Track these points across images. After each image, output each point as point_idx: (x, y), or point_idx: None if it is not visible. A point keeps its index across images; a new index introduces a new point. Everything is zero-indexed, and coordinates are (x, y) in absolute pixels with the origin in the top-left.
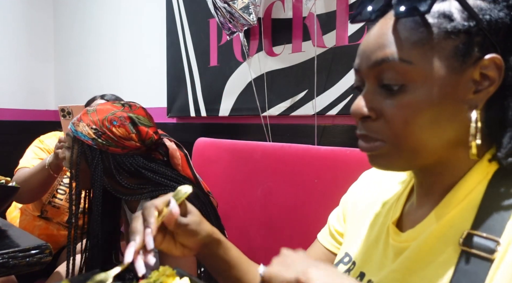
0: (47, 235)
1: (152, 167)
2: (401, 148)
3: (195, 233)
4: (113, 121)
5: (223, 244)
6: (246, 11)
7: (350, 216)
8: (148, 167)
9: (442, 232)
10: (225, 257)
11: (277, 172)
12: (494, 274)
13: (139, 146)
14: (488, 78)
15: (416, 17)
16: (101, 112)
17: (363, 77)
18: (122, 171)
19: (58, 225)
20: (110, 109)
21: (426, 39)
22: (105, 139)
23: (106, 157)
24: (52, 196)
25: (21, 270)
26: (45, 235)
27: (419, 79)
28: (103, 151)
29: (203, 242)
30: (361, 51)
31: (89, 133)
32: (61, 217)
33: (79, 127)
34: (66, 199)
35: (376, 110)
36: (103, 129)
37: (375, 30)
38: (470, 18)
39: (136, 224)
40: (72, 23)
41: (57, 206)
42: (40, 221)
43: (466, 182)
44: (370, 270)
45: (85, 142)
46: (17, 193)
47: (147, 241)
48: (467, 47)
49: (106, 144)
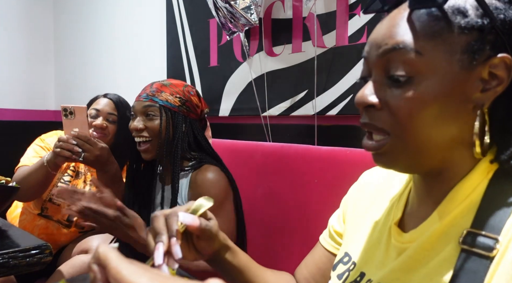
0: (47, 235)
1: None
2: (405, 141)
3: (214, 237)
4: (190, 92)
5: (232, 250)
6: (247, 11)
7: (349, 216)
8: (203, 135)
9: (443, 231)
10: (234, 262)
11: (277, 172)
12: (494, 271)
13: (200, 115)
14: (497, 77)
15: (431, 9)
16: (176, 84)
17: (371, 66)
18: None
19: (58, 224)
20: (181, 83)
21: (438, 32)
22: (187, 106)
23: (186, 123)
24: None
25: (22, 270)
26: (45, 235)
27: (427, 72)
28: (184, 116)
29: (217, 247)
30: (372, 40)
31: (174, 101)
32: (61, 214)
33: (162, 96)
34: None
35: (381, 100)
36: (186, 97)
37: (387, 20)
38: (484, 15)
39: (158, 225)
40: (72, 23)
41: (57, 203)
42: (40, 221)
43: (467, 181)
44: (370, 270)
45: (172, 109)
46: (17, 193)
47: (175, 252)
48: (479, 44)
49: (188, 111)
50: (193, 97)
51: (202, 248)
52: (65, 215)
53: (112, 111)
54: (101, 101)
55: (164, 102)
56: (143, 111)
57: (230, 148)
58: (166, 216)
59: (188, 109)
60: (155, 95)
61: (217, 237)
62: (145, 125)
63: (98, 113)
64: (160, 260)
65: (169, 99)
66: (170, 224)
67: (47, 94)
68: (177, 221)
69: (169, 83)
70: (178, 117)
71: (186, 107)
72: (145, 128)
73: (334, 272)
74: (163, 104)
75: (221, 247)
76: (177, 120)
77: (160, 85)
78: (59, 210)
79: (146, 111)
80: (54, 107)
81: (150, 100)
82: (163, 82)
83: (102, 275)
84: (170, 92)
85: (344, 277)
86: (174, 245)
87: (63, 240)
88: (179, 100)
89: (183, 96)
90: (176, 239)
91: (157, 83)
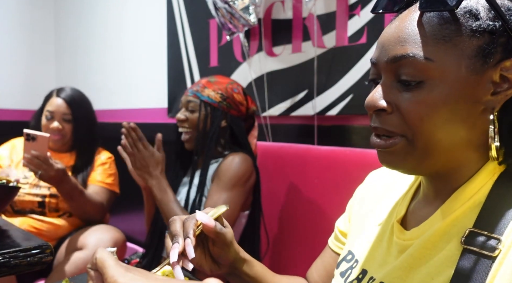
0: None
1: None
2: (415, 145)
3: (229, 244)
4: (234, 89)
5: (248, 261)
6: (246, 12)
7: (354, 216)
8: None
9: (445, 230)
10: (251, 273)
11: (277, 172)
12: (496, 272)
13: (244, 113)
14: (508, 80)
15: (442, 13)
16: (222, 81)
17: (380, 70)
18: (233, 131)
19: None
20: (227, 80)
21: (449, 36)
22: (228, 103)
23: (226, 118)
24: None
25: (22, 270)
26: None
27: (438, 77)
28: (224, 112)
29: (233, 258)
30: (380, 44)
31: (215, 97)
32: (30, 202)
33: (204, 92)
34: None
35: (392, 104)
36: (228, 94)
37: (397, 23)
38: (496, 18)
39: (175, 227)
40: (72, 23)
41: (21, 196)
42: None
43: (473, 182)
44: (372, 268)
45: (212, 105)
46: (17, 193)
47: (189, 251)
48: (490, 47)
49: (229, 107)
50: (237, 94)
51: (217, 256)
52: (35, 202)
53: (66, 111)
54: (54, 101)
55: (206, 97)
56: (186, 105)
57: None
58: (183, 220)
59: (228, 106)
60: (199, 90)
61: (232, 246)
62: (187, 117)
63: (53, 114)
64: (175, 258)
65: (210, 94)
66: (186, 227)
67: None
68: (194, 225)
69: (215, 80)
70: (217, 112)
71: (226, 104)
72: (186, 120)
73: (338, 270)
74: (204, 100)
75: (237, 259)
76: (216, 114)
77: (206, 81)
78: (26, 200)
79: (188, 105)
80: None
81: (194, 95)
82: (210, 79)
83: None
84: (213, 88)
85: (347, 275)
86: (188, 245)
87: (56, 233)
88: (220, 96)
89: (225, 93)
90: (190, 240)
91: (205, 79)
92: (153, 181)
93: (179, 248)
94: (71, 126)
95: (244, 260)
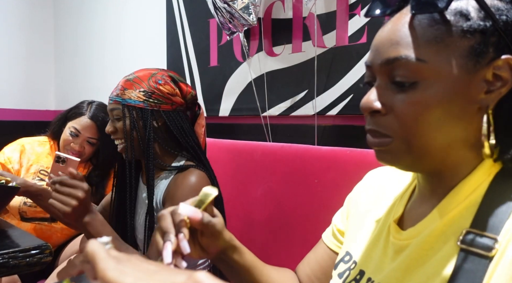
0: (39, 235)
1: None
2: (410, 145)
3: (219, 235)
4: (158, 81)
5: (238, 249)
6: (246, 11)
7: (352, 215)
8: (187, 128)
9: (442, 231)
10: (241, 262)
11: (277, 172)
12: (493, 272)
13: (183, 102)
14: (501, 78)
15: (433, 14)
16: (142, 76)
17: (375, 73)
18: (172, 129)
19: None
20: (150, 71)
21: (441, 37)
22: (155, 98)
23: (159, 116)
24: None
25: (22, 270)
26: (37, 236)
27: (432, 77)
28: (155, 110)
29: (223, 246)
30: (374, 47)
31: (139, 97)
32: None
33: (125, 95)
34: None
35: (386, 105)
36: (152, 89)
37: (389, 26)
38: (486, 17)
39: (166, 223)
40: (72, 23)
41: (33, 206)
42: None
43: (469, 181)
44: (370, 268)
45: (136, 106)
46: (17, 193)
47: (183, 246)
48: (482, 47)
49: (158, 103)
50: (163, 86)
51: (206, 245)
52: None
53: (93, 135)
54: (83, 121)
55: (127, 100)
56: (111, 114)
57: (230, 148)
58: (172, 213)
59: (157, 101)
60: (119, 94)
61: (222, 235)
62: (115, 127)
63: (78, 134)
64: (169, 259)
65: (132, 96)
66: (177, 221)
67: (47, 94)
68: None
69: (134, 77)
70: (145, 113)
71: (153, 100)
72: (116, 131)
73: (335, 271)
74: (125, 103)
75: (227, 247)
76: (145, 116)
77: (125, 81)
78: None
79: (112, 113)
80: (54, 107)
81: (114, 101)
82: (129, 77)
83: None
84: (134, 87)
85: (344, 276)
86: (181, 240)
87: (59, 236)
88: (143, 94)
89: (148, 88)
90: (183, 235)
91: (123, 79)
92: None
93: (172, 246)
94: (93, 149)
95: (235, 248)
